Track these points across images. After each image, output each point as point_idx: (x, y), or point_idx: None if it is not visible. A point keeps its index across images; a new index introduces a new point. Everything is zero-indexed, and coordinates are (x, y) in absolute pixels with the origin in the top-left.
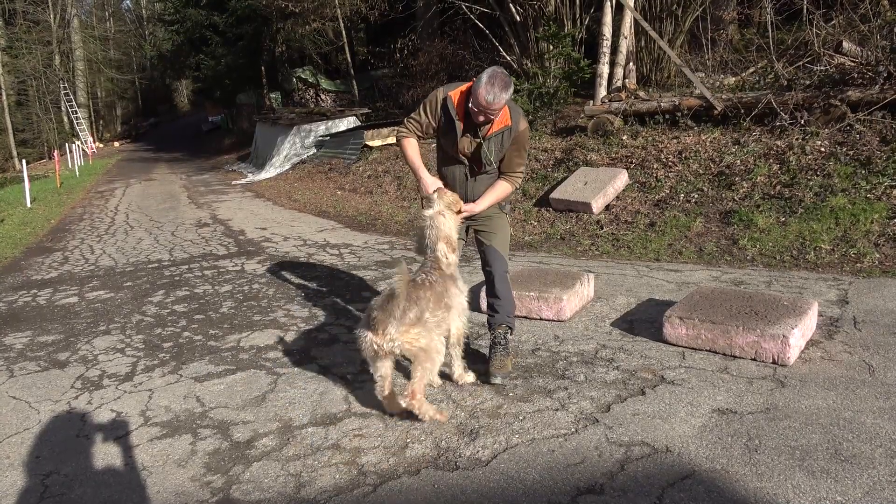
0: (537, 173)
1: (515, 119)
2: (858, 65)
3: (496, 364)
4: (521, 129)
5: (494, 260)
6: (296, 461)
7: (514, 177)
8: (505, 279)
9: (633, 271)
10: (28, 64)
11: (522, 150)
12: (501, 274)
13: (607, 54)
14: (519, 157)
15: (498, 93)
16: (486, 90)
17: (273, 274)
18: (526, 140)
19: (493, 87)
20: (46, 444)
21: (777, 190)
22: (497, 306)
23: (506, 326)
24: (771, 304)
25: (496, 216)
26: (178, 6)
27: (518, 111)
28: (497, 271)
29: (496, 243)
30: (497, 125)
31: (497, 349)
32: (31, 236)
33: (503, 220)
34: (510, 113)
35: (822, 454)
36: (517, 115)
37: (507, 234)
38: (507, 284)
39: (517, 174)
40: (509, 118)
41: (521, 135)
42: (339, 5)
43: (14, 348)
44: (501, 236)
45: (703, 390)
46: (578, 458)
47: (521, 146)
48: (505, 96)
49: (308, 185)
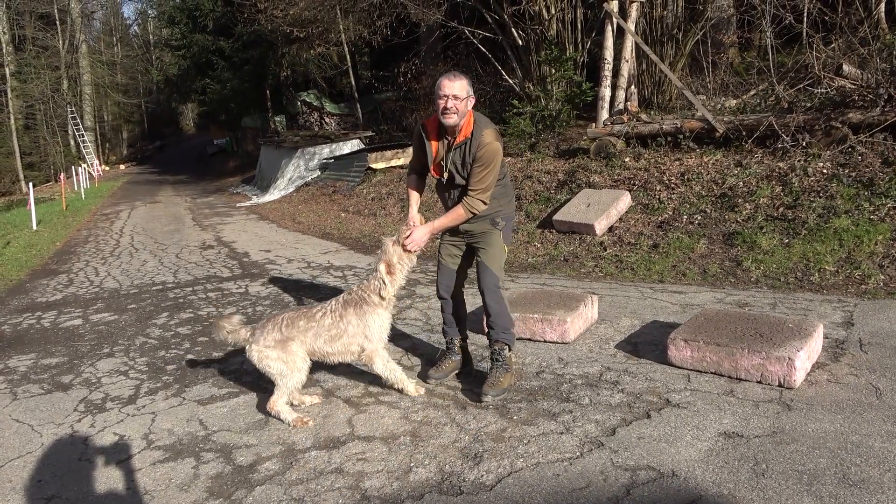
0: (540, 195)
1: (477, 132)
2: (859, 87)
3: (488, 381)
4: (482, 141)
5: (483, 274)
6: (299, 485)
7: (469, 201)
8: (495, 293)
9: (637, 293)
10: (36, 88)
11: (482, 167)
12: (491, 288)
13: (609, 77)
14: (475, 176)
15: (455, 73)
16: (443, 77)
17: (277, 296)
18: (489, 156)
19: (449, 73)
20: (49, 468)
21: (780, 211)
22: (491, 322)
23: (501, 343)
24: (776, 327)
25: (488, 232)
26: (185, 31)
27: (484, 124)
28: (486, 286)
29: (485, 258)
30: (461, 136)
31: (492, 366)
32: (37, 258)
33: (494, 236)
34: (474, 125)
35: (830, 479)
36: (480, 128)
37: (499, 249)
38: (499, 299)
39: (471, 197)
40: (471, 129)
41: (482, 148)
42: (343, 30)
43: (18, 371)
44: (491, 252)
45: (709, 413)
46: (584, 482)
47: (482, 162)
48: (463, 77)
49: (312, 207)
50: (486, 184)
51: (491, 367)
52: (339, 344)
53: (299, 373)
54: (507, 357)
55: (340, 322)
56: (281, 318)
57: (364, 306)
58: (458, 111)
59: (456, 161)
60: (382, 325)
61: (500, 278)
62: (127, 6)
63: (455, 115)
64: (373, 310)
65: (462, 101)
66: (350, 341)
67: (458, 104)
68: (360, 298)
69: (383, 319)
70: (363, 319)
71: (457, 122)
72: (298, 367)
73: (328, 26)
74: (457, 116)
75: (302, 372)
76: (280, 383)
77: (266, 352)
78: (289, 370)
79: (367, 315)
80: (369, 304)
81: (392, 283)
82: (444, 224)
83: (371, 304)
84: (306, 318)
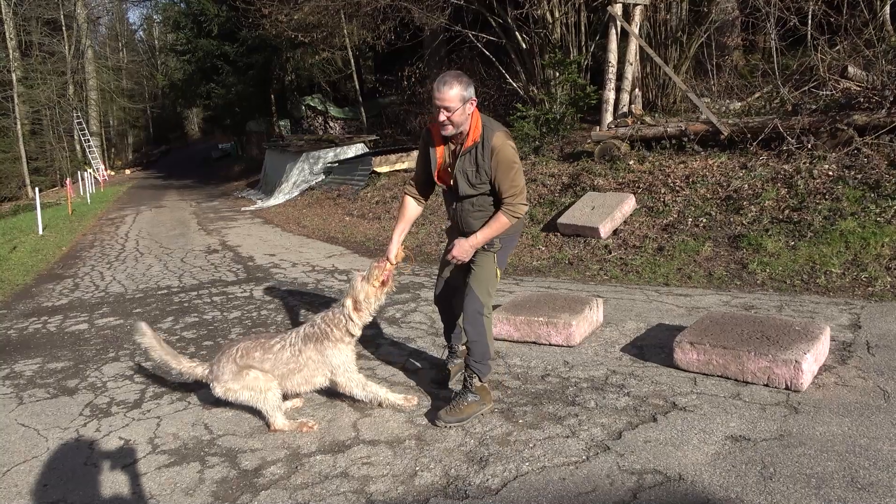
0: (545, 198)
1: (487, 134)
2: (864, 89)
3: (448, 405)
4: (494, 145)
5: (467, 297)
6: (304, 490)
7: (508, 207)
8: (476, 320)
9: (643, 296)
10: (43, 94)
11: (507, 171)
12: (472, 314)
13: (613, 80)
14: (505, 182)
15: (448, 80)
16: (437, 83)
17: (282, 300)
18: (506, 158)
19: (443, 78)
20: (54, 473)
21: (786, 214)
22: (468, 346)
23: (471, 370)
24: (783, 329)
25: (480, 252)
26: (190, 36)
27: (494, 127)
28: (467, 310)
29: (472, 279)
30: (469, 141)
31: (458, 391)
32: (43, 263)
33: (486, 258)
34: (483, 128)
35: (839, 482)
36: (490, 131)
37: (489, 272)
38: (479, 326)
39: (509, 203)
40: (480, 133)
41: (496, 151)
42: (347, 35)
43: (24, 375)
44: (479, 273)
45: (716, 417)
46: (590, 486)
47: (503, 166)
48: (455, 85)
49: (317, 211)
50: (518, 186)
51: (455, 393)
52: (299, 377)
53: (269, 392)
54: (475, 386)
55: (300, 357)
56: (235, 348)
57: (325, 342)
58: (453, 122)
59: (466, 169)
60: (346, 359)
61: (485, 304)
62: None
63: (451, 126)
64: (334, 345)
65: (457, 110)
66: (312, 374)
67: (452, 116)
68: (322, 333)
69: (345, 354)
70: (323, 355)
71: (454, 132)
72: (267, 386)
73: (332, 31)
74: (452, 127)
75: (272, 391)
76: (261, 407)
77: (229, 385)
78: (260, 392)
79: (328, 350)
80: (331, 339)
81: (359, 318)
82: (488, 235)
83: (332, 340)
84: (262, 350)
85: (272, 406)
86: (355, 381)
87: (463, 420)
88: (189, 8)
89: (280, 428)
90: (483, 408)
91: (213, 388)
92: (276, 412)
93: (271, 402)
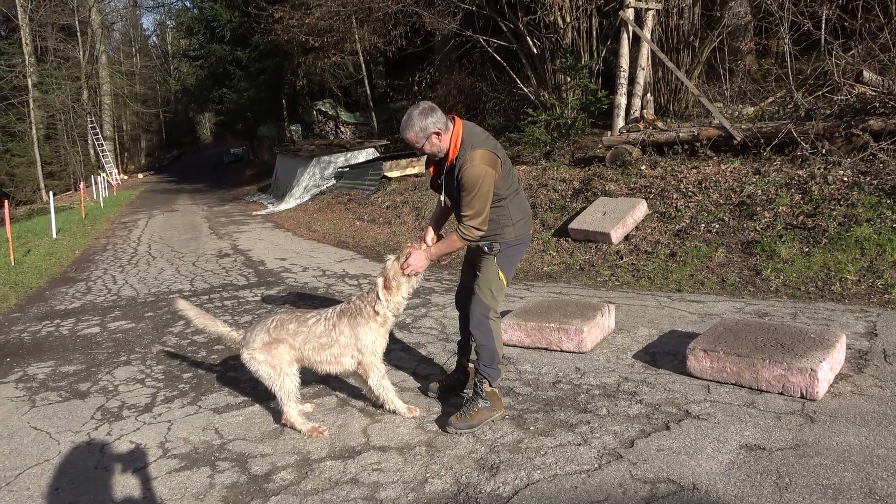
0: (555, 203)
1: (463, 152)
2: (880, 94)
3: (459, 411)
4: (462, 163)
5: (473, 300)
6: (314, 496)
7: (460, 227)
8: (481, 323)
9: (655, 302)
10: (57, 99)
11: (468, 191)
12: (476, 317)
13: (625, 85)
14: (463, 201)
15: (405, 124)
16: (402, 123)
17: (292, 304)
18: (468, 178)
19: (403, 120)
20: (66, 476)
21: (800, 220)
22: (476, 352)
23: (481, 376)
24: (797, 337)
25: (483, 258)
26: (202, 42)
27: (474, 144)
28: (472, 313)
29: (477, 283)
30: (450, 159)
31: (469, 397)
32: (56, 266)
33: (487, 262)
34: (461, 147)
35: (856, 493)
36: (467, 147)
37: (491, 276)
38: (485, 329)
39: (463, 224)
40: (458, 149)
41: (462, 170)
42: (358, 40)
43: (37, 378)
44: (482, 277)
45: (730, 425)
46: (602, 495)
47: (464, 186)
48: (410, 128)
49: (327, 215)
50: (474, 209)
51: (466, 399)
52: (328, 353)
53: (287, 377)
54: (485, 391)
55: (333, 331)
56: (271, 319)
57: (358, 318)
58: (427, 152)
59: (449, 185)
60: (375, 340)
61: (490, 307)
62: (146, 17)
63: (430, 152)
64: (366, 322)
65: (423, 145)
66: (341, 352)
67: (423, 149)
68: (357, 309)
69: (376, 334)
70: (355, 331)
71: (439, 155)
72: (285, 371)
73: (344, 36)
74: (432, 154)
75: (290, 376)
76: (275, 390)
77: (255, 354)
78: (276, 374)
79: (360, 327)
80: (364, 316)
81: (388, 298)
82: (441, 251)
83: (365, 317)
84: (297, 322)
85: (287, 392)
86: (376, 369)
87: (473, 426)
88: (202, 14)
89: (291, 420)
90: (493, 414)
91: (241, 353)
92: (291, 401)
93: (287, 388)
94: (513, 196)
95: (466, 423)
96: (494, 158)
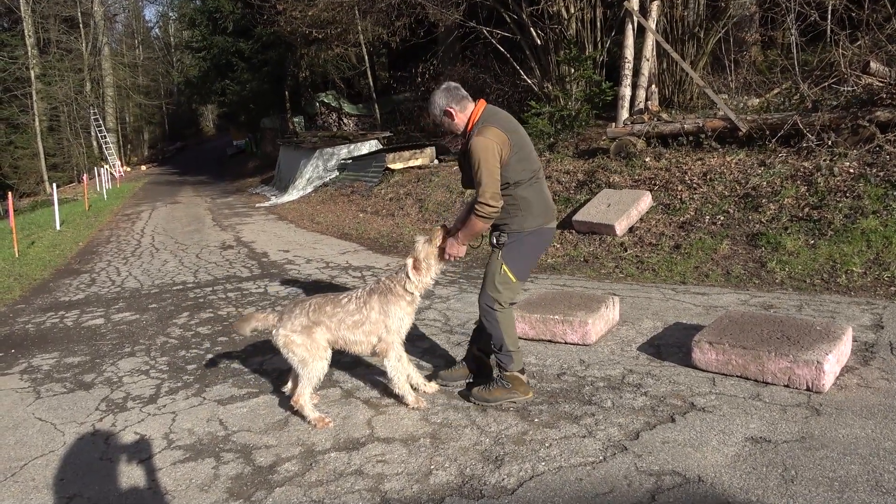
0: (560, 195)
1: (476, 128)
2: (886, 85)
3: (482, 387)
4: (471, 136)
5: (481, 290)
6: (318, 487)
7: (475, 206)
8: (488, 314)
9: (659, 294)
10: (60, 91)
11: (473, 164)
12: (482, 307)
13: (629, 76)
14: (474, 175)
15: (431, 96)
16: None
17: (296, 296)
18: (474, 150)
19: (433, 92)
20: (71, 467)
21: (805, 212)
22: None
23: (496, 360)
24: (803, 329)
25: (491, 250)
26: (205, 34)
27: (487, 121)
28: (480, 303)
29: (485, 273)
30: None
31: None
32: (60, 258)
33: (492, 255)
34: (476, 123)
35: (863, 486)
36: (480, 123)
37: (493, 268)
38: (492, 320)
39: (478, 198)
40: (472, 128)
41: (469, 143)
42: (361, 31)
43: (41, 369)
44: (489, 268)
45: (736, 418)
46: (607, 487)
47: (470, 159)
48: (433, 104)
49: (330, 207)
50: (481, 184)
51: (492, 379)
52: (361, 332)
53: (321, 361)
54: (506, 375)
55: (364, 308)
56: (308, 303)
57: (389, 296)
58: (446, 126)
59: (464, 165)
60: (403, 318)
61: (495, 299)
62: (149, 9)
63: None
64: (396, 300)
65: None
66: (371, 329)
67: (442, 126)
68: (387, 288)
69: (404, 312)
70: (385, 308)
71: (453, 132)
72: (320, 355)
73: (347, 27)
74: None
75: (324, 360)
76: (303, 373)
77: (292, 336)
78: (311, 358)
79: (390, 304)
80: (394, 294)
81: (417, 278)
82: (466, 235)
83: (395, 295)
84: (333, 304)
85: (313, 376)
86: (395, 349)
87: (489, 402)
88: (204, 5)
89: (301, 404)
90: (513, 396)
91: (276, 334)
92: (310, 387)
93: (316, 373)
94: (527, 185)
95: (483, 397)
96: (503, 137)
